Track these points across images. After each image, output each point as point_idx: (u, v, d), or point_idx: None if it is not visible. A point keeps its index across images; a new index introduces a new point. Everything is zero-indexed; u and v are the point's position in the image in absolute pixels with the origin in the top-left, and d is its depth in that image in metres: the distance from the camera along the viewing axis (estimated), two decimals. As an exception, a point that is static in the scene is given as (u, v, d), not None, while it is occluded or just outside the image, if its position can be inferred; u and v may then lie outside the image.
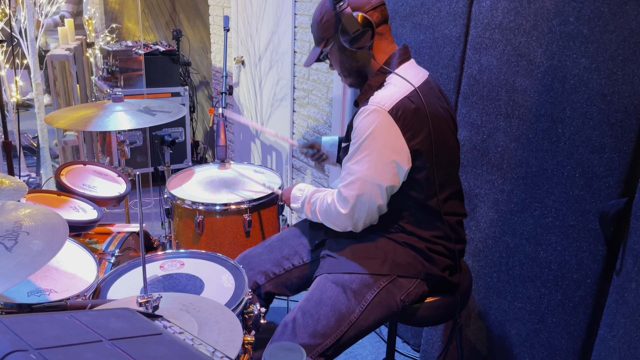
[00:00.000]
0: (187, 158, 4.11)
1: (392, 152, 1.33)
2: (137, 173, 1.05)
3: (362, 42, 1.38)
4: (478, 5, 1.75)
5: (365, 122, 1.34)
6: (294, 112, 3.09)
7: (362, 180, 1.35)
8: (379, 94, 1.36)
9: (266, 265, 1.62)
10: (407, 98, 1.34)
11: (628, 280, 1.33)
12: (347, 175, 1.39)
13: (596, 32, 1.44)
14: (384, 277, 1.41)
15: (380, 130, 1.32)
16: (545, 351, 1.70)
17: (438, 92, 1.46)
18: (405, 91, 1.35)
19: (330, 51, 1.47)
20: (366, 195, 1.36)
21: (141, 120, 2.03)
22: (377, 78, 1.42)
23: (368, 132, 1.33)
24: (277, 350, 0.84)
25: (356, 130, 1.36)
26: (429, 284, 1.46)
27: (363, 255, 1.44)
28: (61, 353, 0.63)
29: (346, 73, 1.50)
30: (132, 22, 5.70)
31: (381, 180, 1.35)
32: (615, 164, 1.47)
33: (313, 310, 1.38)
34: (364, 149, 1.35)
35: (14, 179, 1.50)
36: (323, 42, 1.46)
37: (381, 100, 1.33)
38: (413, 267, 1.43)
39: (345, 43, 1.39)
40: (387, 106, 1.32)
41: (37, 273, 1.38)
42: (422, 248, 1.43)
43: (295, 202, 1.60)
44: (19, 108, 3.43)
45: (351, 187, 1.37)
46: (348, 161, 1.40)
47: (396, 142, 1.33)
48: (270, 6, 3.16)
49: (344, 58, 1.46)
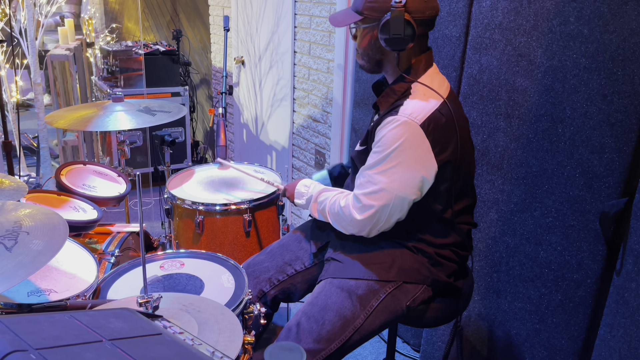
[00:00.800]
0: (187, 158, 4.12)
1: (421, 166, 1.30)
2: (137, 173, 1.04)
3: (397, 46, 1.31)
4: (478, 5, 1.75)
5: (394, 133, 1.29)
6: (294, 112, 3.09)
7: (387, 193, 1.32)
8: (410, 104, 1.31)
9: (270, 273, 1.60)
10: (438, 111, 1.30)
11: (628, 280, 1.33)
12: (369, 183, 1.34)
13: (596, 32, 1.44)
14: (390, 283, 1.39)
15: (410, 143, 1.29)
16: (545, 351, 1.70)
17: (459, 100, 1.43)
18: (435, 104, 1.31)
19: (361, 29, 1.40)
20: (389, 207, 1.33)
21: (141, 120, 2.03)
22: (402, 84, 1.37)
23: (397, 143, 1.29)
24: (277, 350, 0.84)
25: (384, 139, 1.31)
26: (433, 289, 1.45)
27: (369, 260, 1.42)
28: (61, 353, 0.63)
29: (366, 58, 1.43)
30: (132, 22, 5.70)
31: (406, 193, 1.32)
32: (615, 164, 1.47)
33: (318, 315, 1.37)
34: (391, 160, 1.30)
35: (14, 179, 1.50)
36: (361, 17, 1.37)
37: (413, 112, 1.29)
38: (420, 273, 1.41)
39: (380, 37, 1.32)
40: (419, 119, 1.28)
41: (37, 273, 1.38)
42: (430, 253, 1.41)
43: (300, 198, 1.57)
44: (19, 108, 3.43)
45: (374, 197, 1.33)
46: (370, 169, 1.35)
47: (426, 156, 1.30)
48: (270, 6, 3.16)
49: (371, 45, 1.39)
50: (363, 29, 1.39)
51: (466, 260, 1.51)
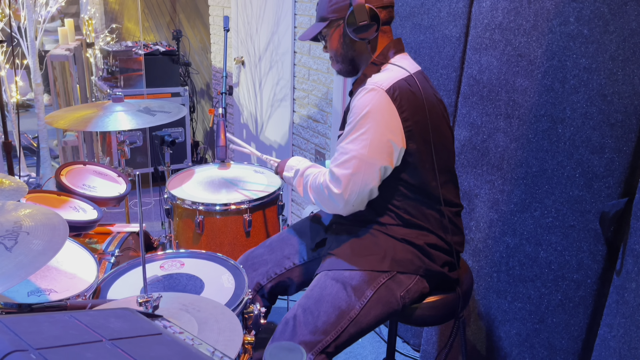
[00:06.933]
0: (187, 158, 4.12)
1: (389, 131, 1.34)
2: (137, 173, 1.05)
3: (366, 34, 1.39)
4: (478, 5, 1.75)
5: (362, 100, 1.35)
6: (294, 112, 3.09)
7: (357, 159, 1.35)
8: (377, 76, 1.39)
9: (268, 266, 1.62)
10: (404, 80, 1.36)
11: (628, 280, 1.33)
12: (341, 155, 1.39)
13: (596, 33, 1.44)
14: (384, 274, 1.41)
15: (377, 108, 1.34)
16: (545, 351, 1.70)
17: (431, 84, 1.48)
18: (402, 74, 1.38)
19: (330, 33, 1.47)
20: (360, 175, 1.36)
21: (141, 121, 2.03)
22: (372, 67, 1.44)
23: (365, 110, 1.34)
24: (277, 350, 0.84)
25: (353, 109, 1.37)
26: (428, 280, 1.46)
27: (362, 252, 1.44)
28: (61, 353, 0.63)
29: (339, 59, 1.50)
30: (132, 23, 5.70)
31: (376, 159, 1.35)
32: (615, 164, 1.47)
33: (313, 307, 1.39)
34: (359, 127, 1.35)
35: (14, 179, 1.50)
36: (326, 22, 1.46)
37: (379, 80, 1.36)
38: (412, 263, 1.43)
39: (350, 31, 1.39)
40: (384, 86, 1.34)
41: (37, 273, 1.38)
42: (421, 244, 1.43)
43: (289, 171, 1.60)
44: (19, 108, 3.43)
45: (345, 166, 1.37)
46: (342, 141, 1.40)
47: (392, 121, 1.34)
48: (270, 6, 3.16)
49: (342, 44, 1.47)
50: (331, 31, 1.46)
51: (459, 250, 1.51)
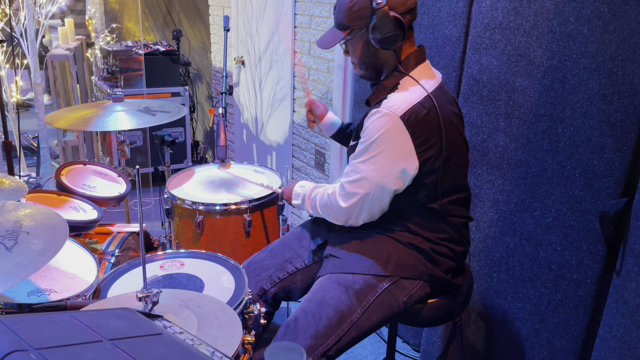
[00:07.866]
0: (187, 158, 4.11)
1: (400, 157, 1.34)
2: (137, 167, 1.03)
3: (391, 43, 1.35)
4: (478, 5, 1.75)
5: (376, 124, 1.34)
6: (294, 112, 3.09)
7: (368, 181, 1.37)
8: (392, 97, 1.36)
9: (270, 270, 1.61)
10: (419, 104, 1.33)
11: (628, 280, 1.33)
12: (353, 172, 1.40)
13: (596, 32, 1.44)
14: (387, 278, 1.41)
15: (390, 134, 1.33)
16: (545, 351, 1.70)
17: (451, 97, 1.44)
18: (418, 96, 1.34)
19: (352, 41, 1.43)
20: (370, 195, 1.38)
21: (141, 120, 2.03)
22: (391, 79, 1.41)
23: (377, 134, 1.33)
24: (277, 350, 0.84)
25: (366, 130, 1.37)
26: (431, 285, 1.46)
27: (366, 255, 1.44)
28: (61, 353, 0.63)
29: (363, 66, 1.46)
30: (132, 22, 5.70)
31: (386, 183, 1.36)
32: (615, 164, 1.47)
33: (315, 311, 1.38)
34: (372, 150, 1.35)
35: (14, 179, 1.50)
36: (348, 30, 1.41)
37: (394, 104, 1.33)
38: (416, 269, 1.42)
39: (374, 41, 1.35)
40: (399, 111, 1.32)
41: (37, 273, 1.38)
42: (426, 249, 1.42)
43: (297, 199, 1.62)
44: (19, 108, 3.43)
45: (356, 185, 1.39)
46: (355, 159, 1.40)
47: (405, 148, 1.33)
48: (270, 6, 3.16)
49: (365, 52, 1.42)
50: (353, 40, 1.42)
51: (464, 257, 1.52)
